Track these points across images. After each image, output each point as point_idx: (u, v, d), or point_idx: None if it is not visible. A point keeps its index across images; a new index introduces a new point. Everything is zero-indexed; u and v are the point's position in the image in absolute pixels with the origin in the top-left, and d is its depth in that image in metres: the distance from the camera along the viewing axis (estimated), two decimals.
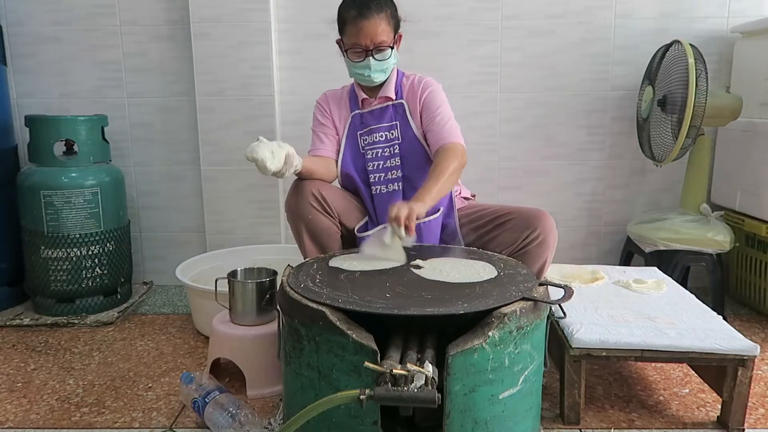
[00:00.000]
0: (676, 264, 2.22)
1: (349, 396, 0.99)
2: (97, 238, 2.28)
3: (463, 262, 1.50)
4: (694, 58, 2.08)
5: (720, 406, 1.56)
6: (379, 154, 1.80)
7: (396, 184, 1.79)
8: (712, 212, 2.27)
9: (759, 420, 1.57)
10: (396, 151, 1.79)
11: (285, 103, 2.55)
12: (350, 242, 1.78)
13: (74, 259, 2.25)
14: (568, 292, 1.26)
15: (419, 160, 1.80)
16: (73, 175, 2.24)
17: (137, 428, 1.54)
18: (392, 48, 1.73)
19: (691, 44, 2.11)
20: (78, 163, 2.26)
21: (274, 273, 1.79)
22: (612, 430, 1.52)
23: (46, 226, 2.22)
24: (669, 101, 2.17)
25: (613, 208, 2.64)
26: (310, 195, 1.67)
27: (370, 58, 1.70)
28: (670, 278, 1.95)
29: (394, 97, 1.81)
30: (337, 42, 1.79)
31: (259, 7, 2.40)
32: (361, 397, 0.98)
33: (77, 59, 2.54)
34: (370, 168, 1.80)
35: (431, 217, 1.77)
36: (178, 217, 2.67)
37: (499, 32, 2.49)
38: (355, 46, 1.70)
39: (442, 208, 1.79)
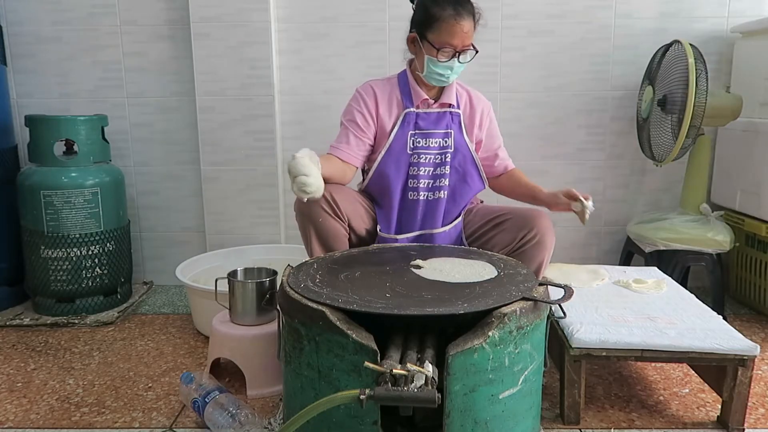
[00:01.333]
0: (676, 264, 2.22)
1: (349, 396, 0.99)
2: (97, 238, 2.28)
3: (463, 262, 1.50)
4: (694, 58, 2.08)
5: (720, 406, 1.56)
6: (430, 160, 1.75)
7: (443, 192, 1.77)
8: (712, 212, 2.27)
9: (759, 420, 1.57)
10: (447, 159, 1.76)
11: (285, 103, 2.55)
12: (357, 245, 1.77)
13: (74, 259, 2.25)
14: (568, 292, 1.26)
15: (466, 173, 1.78)
16: (73, 175, 2.24)
17: (137, 428, 1.54)
18: (477, 51, 1.70)
19: (691, 44, 2.11)
20: (78, 163, 2.26)
21: (274, 273, 1.79)
22: (612, 430, 1.52)
23: (46, 226, 2.22)
24: (669, 101, 2.17)
25: (613, 208, 2.64)
26: (321, 198, 1.62)
27: (455, 59, 1.66)
28: (670, 278, 1.95)
29: (454, 103, 1.78)
30: (412, 39, 1.72)
31: (259, 7, 2.40)
32: (361, 397, 0.98)
33: (77, 59, 2.55)
34: (421, 173, 1.75)
35: (451, 225, 1.78)
36: (177, 216, 2.67)
37: (499, 32, 2.49)
38: (447, 46, 1.64)
39: (462, 216, 1.81)
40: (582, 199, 1.63)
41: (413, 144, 1.75)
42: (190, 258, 2.35)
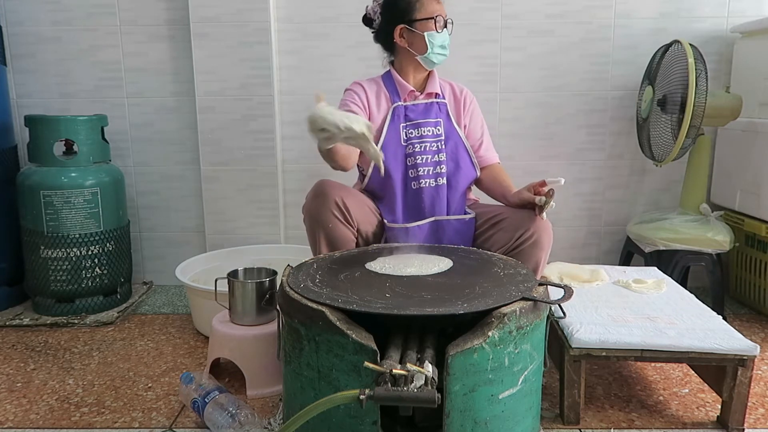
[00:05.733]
0: (675, 264, 2.22)
1: (349, 396, 0.99)
2: (96, 238, 2.28)
3: (421, 257, 1.52)
4: (694, 58, 2.08)
5: (720, 406, 1.56)
6: (427, 148, 1.79)
7: (443, 178, 1.80)
8: (712, 212, 2.27)
9: (759, 420, 1.57)
10: (442, 146, 1.80)
11: (285, 103, 2.55)
12: (377, 241, 1.79)
13: (74, 259, 2.25)
14: (568, 292, 1.26)
15: (459, 159, 1.83)
16: (73, 175, 2.24)
17: (137, 428, 1.54)
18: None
19: (691, 44, 2.11)
20: (78, 163, 2.26)
21: (274, 273, 1.79)
22: (612, 430, 1.52)
23: (45, 226, 2.22)
24: (669, 101, 2.17)
25: (612, 208, 2.64)
26: (333, 204, 1.64)
27: (446, 30, 1.76)
28: (669, 278, 1.95)
29: (439, 92, 1.85)
30: (400, 30, 1.78)
31: (259, 7, 2.40)
32: (361, 397, 0.98)
33: (77, 59, 2.55)
34: (419, 161, 1.78)
35: (463, 217, 1.80)
36: (177, 216, 2.67)
37: (499, 32, 2.49)
38: (438, 14, 1.75)
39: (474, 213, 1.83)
40: (543, 196, 1.65)
41: (406, 136, 1.80)
42: (190, 258, 2.35)
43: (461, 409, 1.13)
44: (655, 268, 2.06)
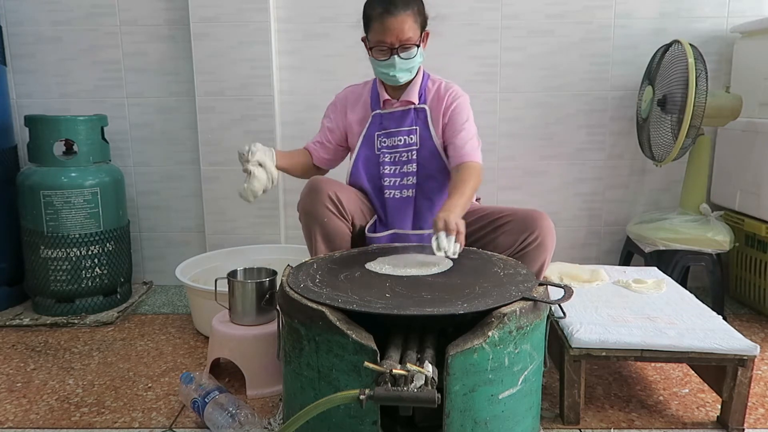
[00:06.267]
0: (675, 264, 2.22)
1: (349, 396, 0.99)
2: (96, 238, 2.28)
3: (421, 257, 1.52)
4: (694, 58, 2.08)
5: (720, 406, 1.56)
6: (396, 159, 1.77)
7: (410, 190, 1.78)
8: (712, 212, 2.27)
9: (759, 420, 1.57)
10: (413, 156, 1.76)
11: (285, 103, 2.55)
12: (359, 242, 1.78)
13: (74, 259, 2.25)
14: (568, 292, 1.26)
15: (434, 168, 1.78)
16: (73, 175, 2.24)
17: (137, 428, 1.54)
18: (418, 46, 1.68)
19: (690, 44, 2.11)
20: (78, 163, 2.26)
21: (274, 273, 1.79)
22: (612, 430, 1.52)
23: (45, 226, 2.22)
24: (669, 101, 2.17)
25: (612, 208, 2.64)
26: (326, 198, 1.65)
27: (395, 56, 1.65)
28: (669, 278, 1.95)
29: (416, 101, 1.77)
30: (362, 40, 1.75)
31: (258, 7, 2.40)
32: (361, 397, 0.98)
33: (77, 59, 2.54)
34: (386, 171, 1.78)
35: (426, 231, 1.77)
36: (177, 217, 2.67)
37: (499, 32, 2.49)
38: (380, 43, 1.65)
39: None
40: (442, 238, 1.41)
41: (379, 144, 1.79)
42: (190, 258, 2.35)
43: (461, 409, 1.13)
44: (655, 268, 2.06)
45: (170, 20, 2.51)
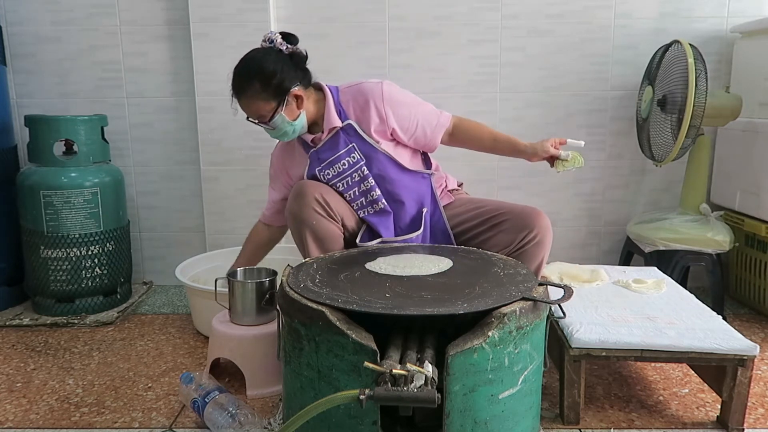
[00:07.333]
0: (675, 264, 2.22)
1: (349, 396, 0.99)
2: (96, 238, 2.28)
3: (421, 257, 1.52)
4: (694, 58, 2.08)
5: (720, 406, 1.56)
6: (349, 182, 1.75)
7: (379, 203, 1.76)
8: (712, 212, 2.27)
9: (759, 420, 1.57)
10: (365, 173, 1.73)
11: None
12: (351, 244, 1.77)
13: (74, 259, 2.25)
14: (568, 292, 1.26)
15: (392, 172, 1.75)
16: (73, 175, 2.24)
17: (137, 428, 1.54)
18: (275, 115, 1.68)
19: (690, 44, 2.11)
20: (78, 163, 2.27)
21: (274, 273, 1.79)
22: (612, 430, 1.52)
23: (45, 226, 2.22)
24: (669, 101, 2.17)
25: (612, 208, 2.64)
26: (313, 200, 1.64)
27: (265, 125, 1.73)
28: (669, 278, 1.95)
29: (339, 123, 1.73)
30: None
31: (258, 7, 2.40)
32: (361, 397, 0.98)
33: (77, 59, 2.55)
34: (348, 197, 1.77)
35: (413, 235, 1.77)
36: (177, 217, 2.67)
37: (499, 32, 2.49)
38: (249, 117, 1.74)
39: (426, 209, 1.79)
40: (563, 154, 1.75)
41: (324, 178, 1.76)
42: (190, 258, 2.35)
43: (461, 409, 1.13)
44: (655, 268, 2.06)
45: (170, 20, 2.51)
